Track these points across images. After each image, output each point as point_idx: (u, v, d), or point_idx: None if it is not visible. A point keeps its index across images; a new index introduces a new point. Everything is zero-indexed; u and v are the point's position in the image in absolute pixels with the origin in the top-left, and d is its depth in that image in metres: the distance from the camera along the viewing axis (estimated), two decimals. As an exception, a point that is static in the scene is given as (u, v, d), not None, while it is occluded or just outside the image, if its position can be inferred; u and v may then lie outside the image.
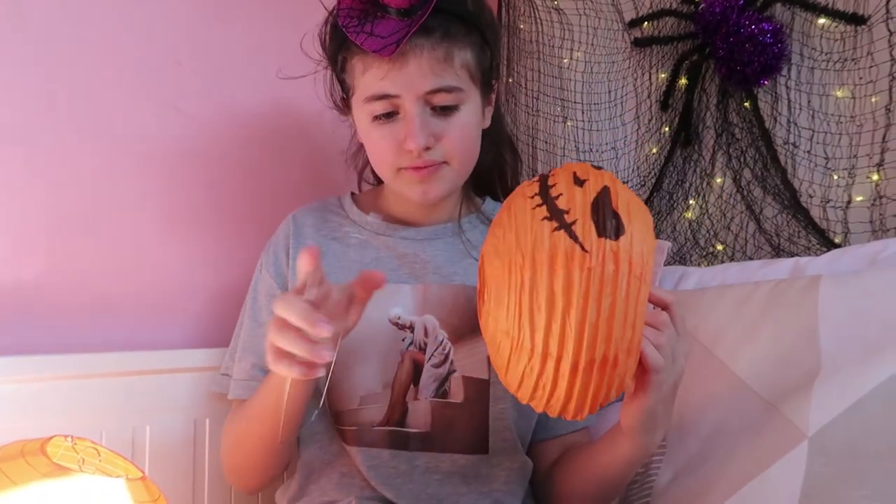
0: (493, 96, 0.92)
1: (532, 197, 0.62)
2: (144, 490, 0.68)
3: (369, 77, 0.81)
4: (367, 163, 0.98)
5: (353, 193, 1.00)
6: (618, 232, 0.59)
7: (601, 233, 0.58)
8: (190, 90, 1.08)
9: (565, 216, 0.59)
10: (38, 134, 0.94)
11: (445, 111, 0.82)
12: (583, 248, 0.58)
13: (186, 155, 1.07)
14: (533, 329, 0.58)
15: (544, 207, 0.60)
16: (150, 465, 0.93)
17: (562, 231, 0.58)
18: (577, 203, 0.60)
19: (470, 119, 0.85)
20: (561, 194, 0.61)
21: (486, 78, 0.87)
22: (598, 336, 0.57)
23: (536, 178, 0.64)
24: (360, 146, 0.95)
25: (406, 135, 0.81)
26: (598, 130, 1.29)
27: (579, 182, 0.61)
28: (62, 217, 0.96)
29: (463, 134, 0.84)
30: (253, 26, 1.16)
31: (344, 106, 0.91)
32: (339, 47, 0.85)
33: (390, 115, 0.83)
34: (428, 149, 0.82)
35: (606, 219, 0.59)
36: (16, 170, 0.93)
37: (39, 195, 0.94)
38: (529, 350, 0.59)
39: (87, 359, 0.92)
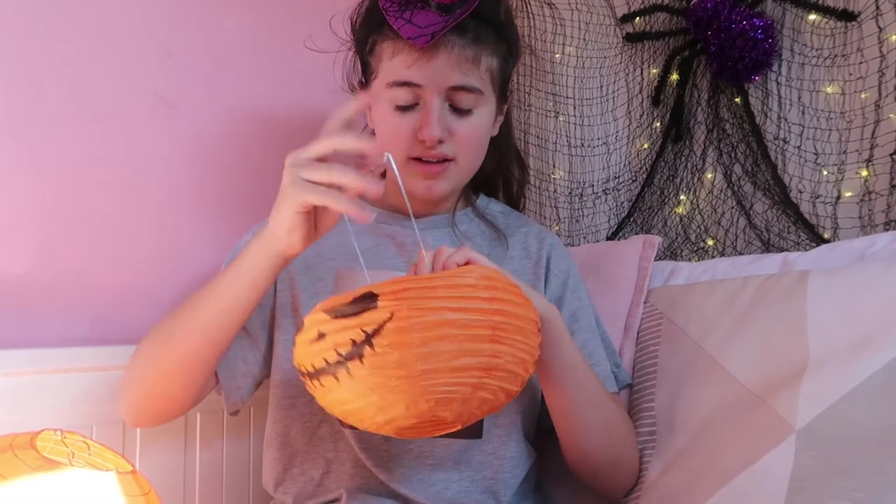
0: (506, 107, 0.95)
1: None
2: (135, 484, 0.68)
3: (397, 62, 0.84)
4: None
5: None
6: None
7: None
8: (180, 82, 1.07)
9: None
10: (26, 126, 0.93)
11: (461, 112, 0.85)
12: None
13: (176, 147, 1.07)
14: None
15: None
16: (141, 460, 0.93)
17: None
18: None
19: (483, 122, 0.88)
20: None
21: (504, 88, 0.91)
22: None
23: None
24: (369, 135, 0.96)
25: (423, 124, 0.84)
26: (589, 125, 1.30)
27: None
28: (51, 210, 0.95)
29: (475, 135, 0.87)
30: (245, 18, 1.15)
31: (361, 89, 0.93)
32: (371, 30, 0.87)
33: (410, 107, 0.85)
34: (441, 142, 0.85)
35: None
36: (3, 163, 0.92)
37: (28, 188, 0.93)
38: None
39: (78, 352, 0.91)
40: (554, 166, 1.33)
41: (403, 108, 0.85)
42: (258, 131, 1.17)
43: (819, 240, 1.01)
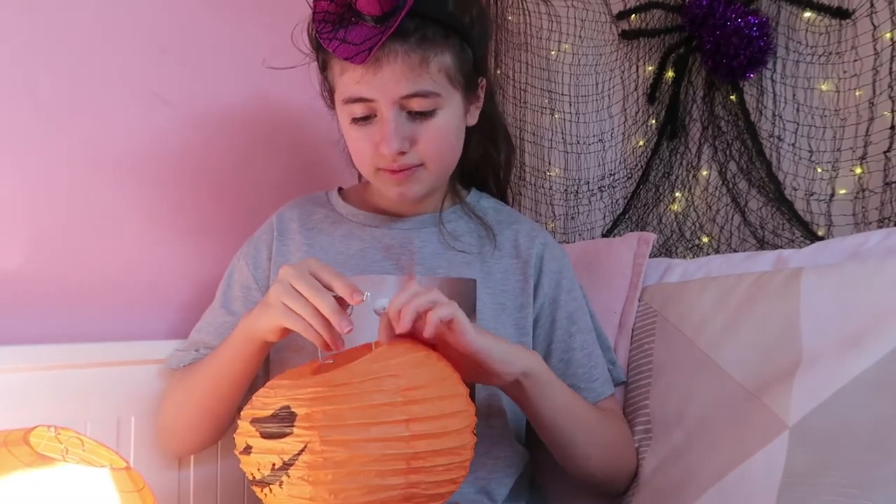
0: (481, 93, 0.91)
1: None
2: (129, 480, 0.68)
3: (346, 79, 0.81)
4: None
5: (340, 188, 1.00)
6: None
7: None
8: (174, 79, 1.07)
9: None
10: (19, 122, 0.93)
11: (422, 115, 0.82)
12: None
13: (170, 144, 1.07)
14: None
15: None
16: (135, 456, 0.93)
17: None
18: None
19: (448, 122, 0.84)
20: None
21: (469, 79, 0.86)
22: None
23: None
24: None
25: (380, 140, 0.81)
26: (585, 122, 1.30)
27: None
28: (44, 207, 0.95)
29: (439, 137, 0.84)
30: (239, 14, 1.15)
31: (331, 101, 0.91)
32: (319, 47, 0.85)
33: (368, 118, 0.83)
34: (403, 153, 0.82)
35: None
36: (-3, 158, 0.92)
37: (21, 185, 0.93)
38: None
39: (72, 349, 0.91)
40: (549, 163, 1.33)
41: (361, 121, 0.83)
42: (253, 128, 1.17)
43: (813, 237, 1.02)
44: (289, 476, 0.60)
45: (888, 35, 0.96)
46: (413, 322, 0.67)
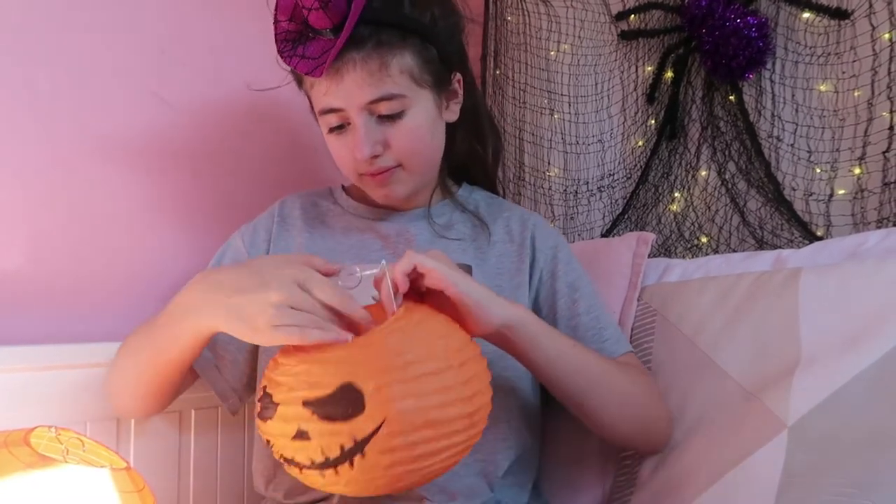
0: (458, 87, 0.91)
1: None
2: (129, 480, 0.68)
3: (315, 92, 0.84)
4: None
5: (343, 185, 1.02)
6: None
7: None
8: (173, 79, 1.07)
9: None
10: (19, 122, 0.93)
11: (390, 118, 0.83)
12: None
13: (169, 144, 1.07)
14: None
15: None
16: (135, 456, 0.93)
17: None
18: None
19: (418, 122, 0.85)
20: None
21: (439, 76, 0.87)
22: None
23: None
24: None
25: (353, 147, 0.84)
26: (584, 123, 1.30)
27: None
28: (44, 207, 0.95)
29: (411, 137, 0.85)
30: (239, 15, 1.15)
31: (315, 117, 0.93)
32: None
33: (342, 127, 0.85)
34: (376, 156, 0.84)
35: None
36: (-3, 159, 0.92)
37: (20, 185, 0.93)
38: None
39: (72, 349, 0.91)
40: (549, 164, 1.33)
41: (337, 130, 0.85)
42: (252, 128, 1.17)
43: (812, 237, 1.02)
44: (363, 455, 0.59)
45: (887, 36, 0.97)
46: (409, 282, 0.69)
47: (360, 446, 0.59)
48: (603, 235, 1.26)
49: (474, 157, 1.00)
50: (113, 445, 0.90)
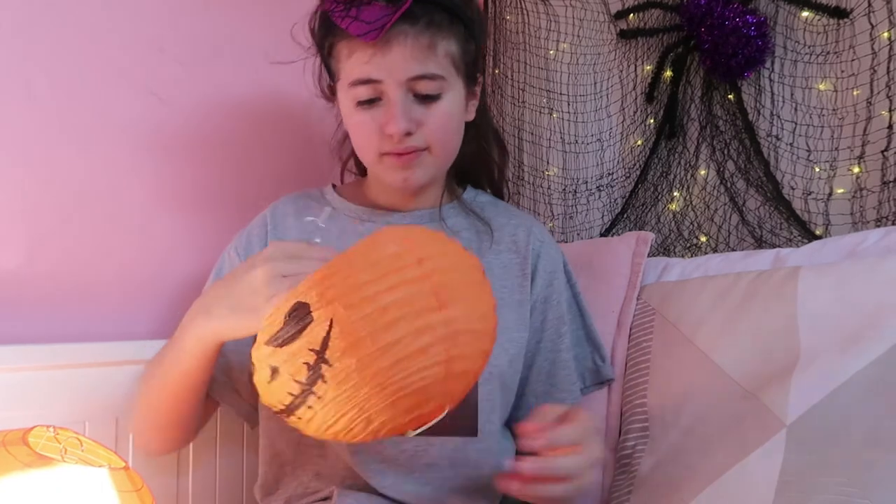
0: (478, 90, 0.93)
1: None
2: (128, 480, 0.68)
3: (354, 61, 0.82)
4: (351, 153, 0.98)
5: (334, 185, 1.00)
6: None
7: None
8: (172, 78, 1.07)
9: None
10: (17, 120, 0.93)
11: (428, 99, 0.83)
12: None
13: (168, 143, 1.07)
14: None
15: None
16: (134, 456, 0.93)
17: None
18: None
19: (452, 108, 0.85)
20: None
21: (470, 70, 0.88)
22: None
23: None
24: (346, 136, 0.95)
25: (388, 119, 0.82)
26: (583, 122, 1.30)
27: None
28: (43, 206, 0.95)
29: (444, 122, 0.85)
30: (238, 13, 1.15)
31: (331, 93, 0.91)
32: (326, 33, 0.86)
33: (373, 102, 0.83)
34: (409, 134, 0.83)
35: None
36: (-4, 158, 0.92)
37: (19, 183, 0.93)
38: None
39: (70, 348, 0.91)
40: (548, 163, 1.33)
41: (366, 104, 0.83)
42: (250, 127, 1.17)
43: (811, 236, 1.02)
44: (328, 363, 0.55)
45: (886, 34, 0.97)
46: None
47: (320, 356, 0.55)
48: (602, 235, 1.26)
49: (480, 160, 1.00)
50: (112, 445, 0.90)
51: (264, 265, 0.65)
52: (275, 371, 0.58)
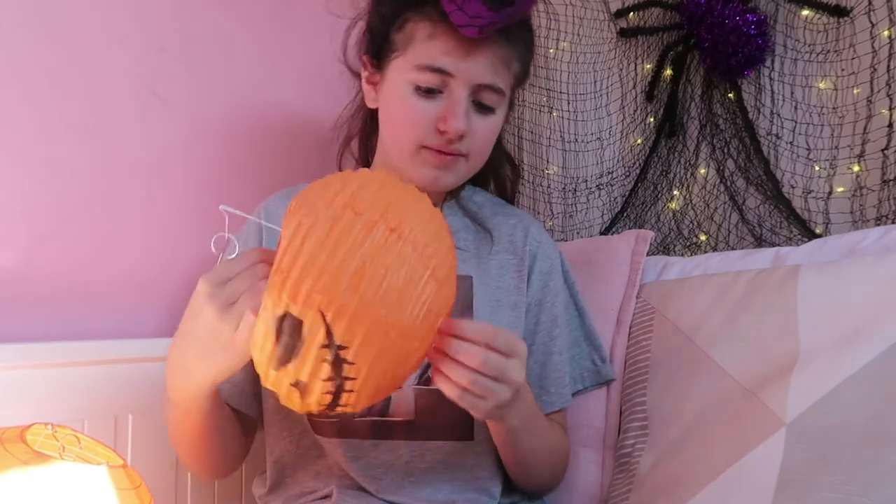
0: (510, 113, 0.95)
1: None
2: (126, 477, 0.68)
3: (433, 46, 0.80)
4: (357, 135, 0.97)
5: None
6: None
7: None
8: (172, 77, 1.07)
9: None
10: (17, 120, 0.93)
11: (485, 109, 0.84)
12: None
13: (168, 143, 1.07)
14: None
15: None
16: (133, 454, 0.93)
17: None
18: None
19: (498, 125, 0.88)
20: None
21: (515, 93, 0.91)
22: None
23: None
24: (355, 114, 0.95)
25: (448, 115, 0.81)
26: (583, 121, 1.29)
27: None
28: (42, 205, 0.95)
29: (490, 136, 0.87)
30: (238, 13, 1.15)
31: (371, 64, 0.88)
32: (407, 6, 0.83)
33: (432, 92, 0.82)
34: (461, 137, 0.83)
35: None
36: (-5, 157, 0.92)
37: (19, 183, 0.93)
38: None
39: (69, 347, 0.91)
40: (548, 161, 1.33)
41: (425, 93, 0.81)
42: (250, 126, 1.17)
43: (811, 235, 1.02)
44: (346, 348, 0.55)
45: (886, 33, 0.96)
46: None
47: (333, 346, 0.55)
48: (602, 233, 1.26)
49: (489, 172, 1.00)
50: (110, 443, 0.90)
51: (207, 304, 0.62)
52: (299, 385, 0.58)
